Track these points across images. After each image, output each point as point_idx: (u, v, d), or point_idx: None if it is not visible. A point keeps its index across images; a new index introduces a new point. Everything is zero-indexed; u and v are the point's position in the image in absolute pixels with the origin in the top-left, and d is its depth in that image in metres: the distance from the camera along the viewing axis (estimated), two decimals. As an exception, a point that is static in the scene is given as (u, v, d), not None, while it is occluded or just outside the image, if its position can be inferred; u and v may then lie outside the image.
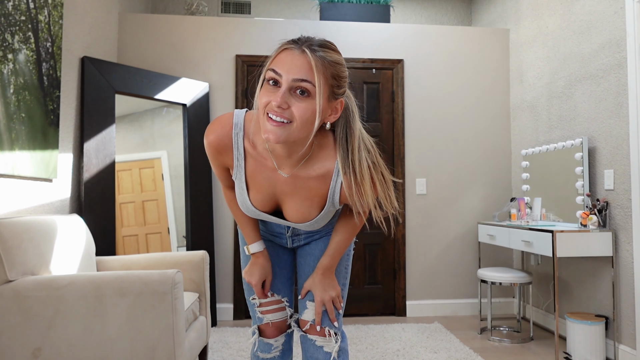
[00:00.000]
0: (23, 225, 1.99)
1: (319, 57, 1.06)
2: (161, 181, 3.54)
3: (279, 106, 1.03)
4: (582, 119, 3.12)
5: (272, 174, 1.22)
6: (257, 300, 1.45)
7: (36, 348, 1.82)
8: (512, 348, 3.06)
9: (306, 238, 1.46)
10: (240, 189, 1.27)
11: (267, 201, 1.27)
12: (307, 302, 1.43)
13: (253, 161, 1.21)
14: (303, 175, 1.20)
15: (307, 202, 1.24)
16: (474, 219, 3.99)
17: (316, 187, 1.21)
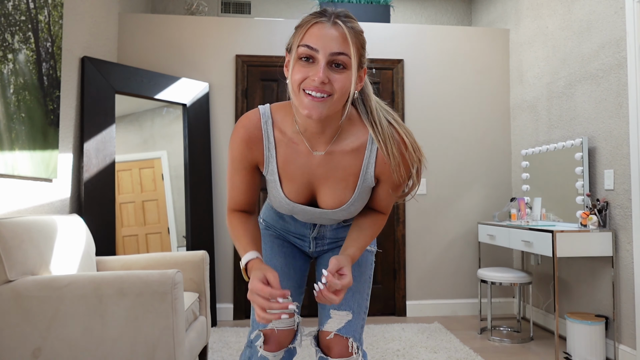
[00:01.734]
0: (23, 225, 1.99)
1: (350, 28, 1.06)
2: (161, 181, 3.54)
3: (322, 82, 1.02)
4: (582, 119, 3.12)
5: (305, 158, 1.18)
6: None
7: (36, 348, 1.82)
8: (512, 348, 3.06)
9: (330, 243, 1.40)
10: (273, 182, 1.22)
11: (302, 191, 1.23)
12: (332, 311, 1.31)
13: (284, 149, 1.19)
14: (338, 151, 1.17)
15: (342, 183, 1.20)
16: (474, 219, 3.99)
17: (350, 164, 1.18)
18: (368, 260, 1.40)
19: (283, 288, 1.28)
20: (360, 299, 1.34)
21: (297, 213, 1.28)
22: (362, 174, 1.19)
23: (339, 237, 1.40)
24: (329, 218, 1.28)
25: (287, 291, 1.07)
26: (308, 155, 1.18)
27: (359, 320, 1.32)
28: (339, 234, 1.40)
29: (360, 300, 1.34)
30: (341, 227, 1.39)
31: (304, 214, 1.28)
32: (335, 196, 1.21)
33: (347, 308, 1.32)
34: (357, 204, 1.23)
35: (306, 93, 1.04)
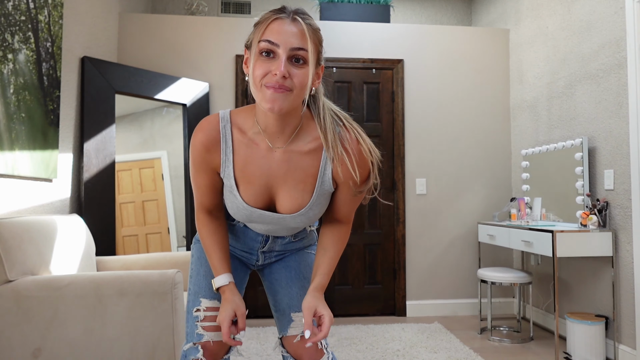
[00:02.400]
0: (23, 225, 1.99)
1: (308, 24, 1.09)
2: (161, 181, 3.54)
3: (283, 76, 1.04)
4: (582, 119, 3.12)
5: (265, 158, 1.19)
6: (201, 313, 1.27)
7: (36, 348, 1.82)
8: (512, 348, 3.06)
9: (278, 255, 1.43)
10: (229, 187, 1.22)
11: (261, 193, 1.22)
12: (292, 314, 1.33)
13: (244, 149, 1.19)
14: (297, 151, 1.18)
15: (300, 185, 1.20)
16: (474, 219, 3.99)
17: (309, 164, 1.19)
18: (311, 259, 1.44)
19: (220, 298, 1.30)
20: None
21: (254, 220, 1.26)
22: (320, 175, 1.19)
23: (287, 249, 1.42)
24: (287, 226, 1.27)
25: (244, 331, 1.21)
26: (268, 153, 1.19)
27: None
28: (288, 247, 1.41)
29: None
30: (291, 242, 1.41)
31: (262, 220, 1.25)
32: (293, 199, 1.20)
33: None
34: (316, 209, 1.22)
35: (267, 87, 1.06)
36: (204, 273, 1.34)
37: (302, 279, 1.38)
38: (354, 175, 1.16)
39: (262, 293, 3.78)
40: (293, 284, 1.37)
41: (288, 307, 1.35)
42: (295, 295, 1.36)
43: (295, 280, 1.37)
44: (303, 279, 1.38)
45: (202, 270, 1.34)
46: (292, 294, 1.36)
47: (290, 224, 1.25)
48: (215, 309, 1.28)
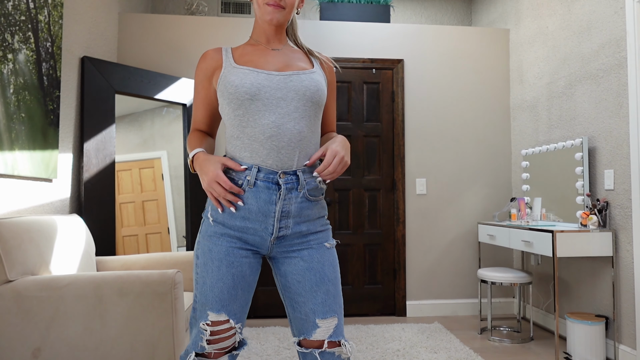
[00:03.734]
0: (23, 225, 1.99)
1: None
2: (161, 181, 3.54)
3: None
4: (582, 119, 3.12)
5: (262, 52, 1.42)
6: (208, 330, 1.28)
7: (36, 348, 1.82)
8: (512, 348, 3.06)
9: (295, 225, 1.35)
10: (231, 68, 1.37)
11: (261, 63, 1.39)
12: (319, 321, 1.32)
13: (242, 50, 1.43)
14: (289, 50, 1.45)
15: (300, 65, 1.42)
16: (474, 219, 3.99)
17: (303, 61, 1.45)
18: (335, 257, 1.43)
19: (227, 310, 1.30)
20: (340, 299, 1.38)
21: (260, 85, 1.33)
22: (313, 61, 1.47)
23: (303, 215, 1.35)
24: (294, 92, 1.34)
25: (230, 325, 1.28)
26: (265, 49, 1.43)
27: (341, 320, 1.37)
28: (303, 210, 1.34)
29: (340, 301, 1.38)
30: (305, 200, 1.34)
31: (268, 81, 1.34)
32: (295, 65, 1.41)
33: (332, 314, 1.34)
34: (317, 78, 1.39)
35: (268, 5, 1.36)
36: (210, 285, 1.30)
37: (327, 283, 1.35)
38: (333, 65, 1.51)
39: (262, 293, 3.78)
40: (318, 289, 1.34)
41: (312, 313, 1.33)
42: (321, 302, 1.34)
43: (320, 284, 1.34)
44: (328, 282, 1.35)
45: (209, 281, 1.31)
46: (317, 299, 1.33)
47: (297, 86, 1.35)
48: (221, 323, 1.29)
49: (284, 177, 1.31)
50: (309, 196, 1.36)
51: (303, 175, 1.34)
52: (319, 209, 1.40)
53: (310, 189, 1.35)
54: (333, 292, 1.35)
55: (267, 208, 1.32)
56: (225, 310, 1.29)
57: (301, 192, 1.33)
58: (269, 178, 1.30)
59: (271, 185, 1.31)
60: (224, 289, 1.30)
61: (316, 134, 1.38)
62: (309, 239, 1.38)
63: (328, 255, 1.39)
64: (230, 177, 1.32)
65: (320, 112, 1.39)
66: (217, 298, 1.30)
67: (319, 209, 1.41)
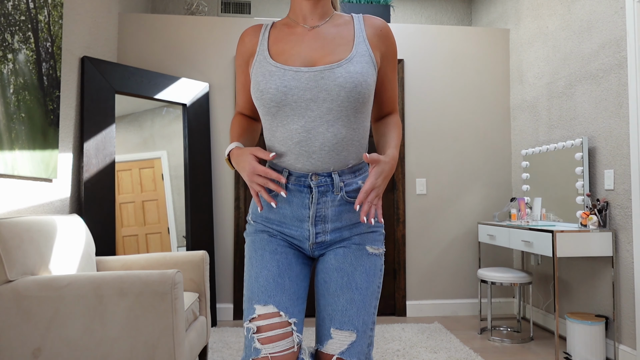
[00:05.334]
0: (23, 225, 1.99)
1: None
2: (161, 181, 3.54)
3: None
4: (582, 119, 3.12)
5: (299, 34, 1.25)
6: (254, 325, 1.14)
7: (36, 348, 1.82)
8: (512, 348, 3.06)
9: (333, 231, 1.22)
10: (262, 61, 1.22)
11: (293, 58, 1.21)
12: (333, 331, 1.16)
13: (278, 32, 1.27)
14: (330, 26, 1.26)
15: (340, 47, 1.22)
16: (474, 219, 3.99)
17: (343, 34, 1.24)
18: (377, 266, 1.23)
19: (276, 302, 1.16)
20: (367, 314, 1.19)
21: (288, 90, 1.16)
22: (356, 36, 1.23)
23: (343, 218, 1.22)
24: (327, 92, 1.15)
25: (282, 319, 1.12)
26: (302, 31, 1.25)
27: (364, 339, 1.18)
28: (342, 213, 1.21)
29: (366, 316, 1.19)
30: (344, 202, 1.21)
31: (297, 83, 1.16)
32: (333, 54, 1.19)
33: (350, 327, 1.17)
34: (357, 65, 1.17)
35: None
36: (255, 275, 1.20)
37: (353, 290, 1.19)
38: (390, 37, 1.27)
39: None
40: (342, 293, 1.18)
41: (329, 319, 1.18)
42: (340, 309, 1.18)
43: (345, 290, 1.18)
44: (354, 290, 1.19)
45: (254, 273, 1.20)
46: (336, 305, 1.18)
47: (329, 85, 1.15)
48: (271, 315, 1.14)
49: (316, 179, 1.19)
50: (348, 198, 1.21)
51: (340, 177, 1.20)
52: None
53: (350, 191, 1.20)
54: (359, 302, 1.18)
55: (300, 212, 1.21)
56: (273, 302, 1.15)
57: (338, 194, 1.20)
58: (300, 181, 1.19)
59: (303, 188, 1.20)
60: (269, 277, 1.18)
61: (360, 130, 1.21)
62: (351, 239, 1.23)
63: (366, 260, 1.22)
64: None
65: (366, 106, 1.20)
66: (262, 288, 1.17)
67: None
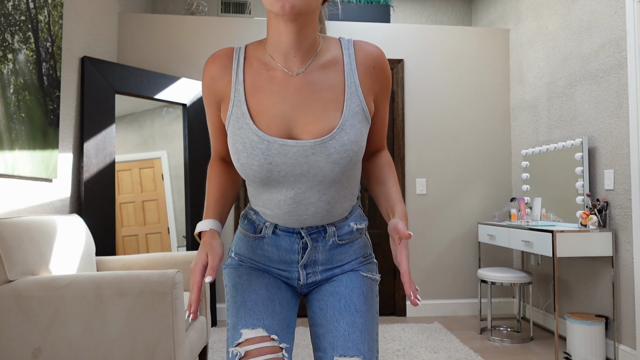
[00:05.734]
0: (23, 225, 1.99)
1: None
2: (161, 181, 3.54)
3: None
4: (582, 119, 3.12)
5: (281, 83, 1.00)
6: (241, 350, 1.00)
7: (36, 348, 1.82)
8: (512, 348, 3.06)
9: (323, 272, 1.13)
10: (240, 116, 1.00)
11: (275, 126, 1.00)
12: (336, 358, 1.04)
13: (255, 75, 1.02)
14: (317, 68, 1.01)
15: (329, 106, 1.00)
16: (474, 219, 3.99)
17: (334, 80, 1.01)
18: (373, 290, 1.15)
19: (266, 326, 1.04)
20: (371, 340, 1.09)
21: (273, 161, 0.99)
22: (348, 85, 1.01)
23: (334, 260, 1.13)
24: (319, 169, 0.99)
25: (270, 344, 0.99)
26: (284, 79, 1.00)
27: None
28: (334, 256, 1.12)
29: (370, 342, 1.08)
30: (335, 246, 1.12)
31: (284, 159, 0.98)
32: (322, 121, 0.98)
33: (355, 352, 1.05)
34: (350, 132, 0.98)
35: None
36: (241, 300, 1.09)
37: (353, 313, 1.07)
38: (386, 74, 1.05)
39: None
40: (341, 317, 1.07)
41: (331, 347, 1.06)
42: (342, 334, 1.06)
43: (344, 314, 1.07)
44: (354, 313, 1.08)
45: (240, 298, 1.09)
46: (337, 331, 1.06)
47: (321, 162, 0.98)
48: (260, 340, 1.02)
49: (307, 228, 1.09)
50: (339, 242, 1.12)
51: (333, 225, 1.10)
52: (356, 249, 1.14)
53: (342, 234, 1.11)
54: (360, 326, 1.07)
55: (289, 257, 1.11)
56: (262, 325, 1.03)
57: (330, 240, 1.10)
58: (289, 230, 1.10)
59: (292, 235, 1.09)
60: (258, 301, 1.07)
61: (353, 183, 1.09)
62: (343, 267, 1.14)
63: (362, 282, 1.12)
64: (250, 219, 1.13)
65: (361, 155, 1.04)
66: (250, 312, 1.06)
67: (358, 249, 1.15)
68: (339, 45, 1.05)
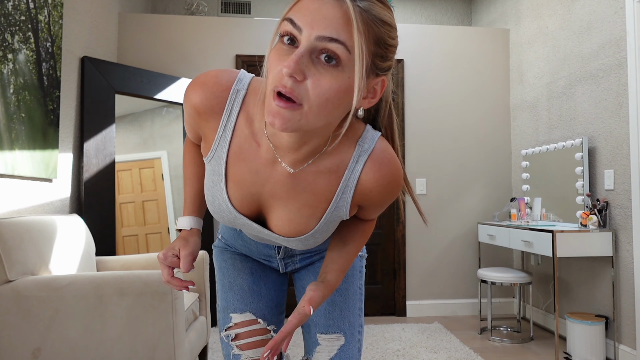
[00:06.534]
0: (23, 225, 1.99)
1: (361, 8, 0.71)
2: (161, 181, 3.54)
3: (290, 75, 0.68)
4: (582, 119, 3.12)
5: (264, 167, 0.88)
6: (231, 332, 1.08)
7: (36, 348, 1.82)
8: (512, 348, 3.06)
9: (302, 260, 1.14)
10: (216, 173, 0.91)
11: (247, 202, 0.92)
12: (319, 336, 1.09)
13: (242, 142, 0.88)
14: (311, 170, 0.87)
15: (306, 210, 0.90)
16: (474, 219, 3.99)
17: (323, 188, 0.88)
18: (356, 267, 1.15)
19: (253, 309, 1.08)
20: (351, 315, 1.11)
21: (238, 226, 0.98)
22: (335, 200, 0.89)
23: (312, 251, 1.14)
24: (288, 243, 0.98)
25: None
26: (270, 165, 0.88)
27: (353, 343, 1.09)
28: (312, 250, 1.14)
29: (351, 317, 1.10)
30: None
31: (249, 230, 0.99)
32: (293, 223, 0.91)
33: (336, 330, 1.08)
34: (319, 236, 0.94)
35: (275, 93, 0.71)
36: (228, 284, 1.12)
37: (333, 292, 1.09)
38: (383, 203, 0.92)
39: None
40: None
41: (314, 326, 1.10)
42: (323, 312, 1.09)
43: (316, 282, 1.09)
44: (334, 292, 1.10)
45: (227, 282, 1.13)
46: (319, 310, 1.09)
47: (284, 244, 0.98)
48: (248, 323, 1.08)
49: None
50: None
51: None
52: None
53: None
54: (340, 304, 1.09)
55: (267, 252, 1.13)
56: (249, 309, 1.09)
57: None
58: None
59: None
60: (243, 285, 1.11)
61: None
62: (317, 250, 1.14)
63: None
64: None
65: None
66: (237, 296, 1.10)
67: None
68: (351, 152, 0.87)
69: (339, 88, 0.71)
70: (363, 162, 0.87)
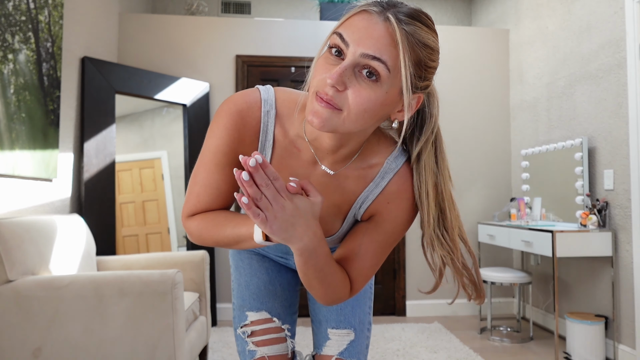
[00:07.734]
0: (23, 225, 1.99)
1: (406, 32, 0.78)
2: (161, 181, 3.54)
3: (333, 85, 0.75)
4: (582, 119, 3.12)
5: (305, 169, 0.93)
6: (247, 329, 1.12)
7: (36, 348, 1.82)
8: (512, 348, 3.06)
9: None
10: None
11: None
12: (330, 331, 1.13)
13: (282, 152, 0.92)
14: (346, 174, 0.93)
15: (333, 209, 0.96)
16: (474, 219, 3.99)
17: (351, 190, 0.94)
18: None
19: (269, 308, 1.12)
20: (362, 313, 1.16)
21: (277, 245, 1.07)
22: (357, 203, 0.96)
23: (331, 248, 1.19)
24: None
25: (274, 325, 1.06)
26: (310, 165, 0.93)
27: (362, 340, 1.14)
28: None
29: (361, 315, 1.15)
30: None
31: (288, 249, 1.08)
32: (324, 222, 0.96)
33: (347, 325, 1.13)
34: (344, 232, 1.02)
35: (317, 96, 0.77)
36: (245, 283, 1.16)
37: None
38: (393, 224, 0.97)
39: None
40: None
41: (325, 320, 1.14)
42: (335, 308, 1.13)
43: None
44: None
45: (243, 281, 1.16)
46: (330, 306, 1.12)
47: None
48: (264, 321, 1.12)
49: None
50: None
51: None
52: None
53: None
54: (351, 301, 1.14)
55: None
56: (265, 308, 1.13)
57: None
58: None
59: None
60: (259, 284, 1.15)
61: None
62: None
63: None
64: None
65: None
66: (253, 295, 1.14)
67: None
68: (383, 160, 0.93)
69: (377, 100, 0.78)
70: (391, 174, 0.94)
